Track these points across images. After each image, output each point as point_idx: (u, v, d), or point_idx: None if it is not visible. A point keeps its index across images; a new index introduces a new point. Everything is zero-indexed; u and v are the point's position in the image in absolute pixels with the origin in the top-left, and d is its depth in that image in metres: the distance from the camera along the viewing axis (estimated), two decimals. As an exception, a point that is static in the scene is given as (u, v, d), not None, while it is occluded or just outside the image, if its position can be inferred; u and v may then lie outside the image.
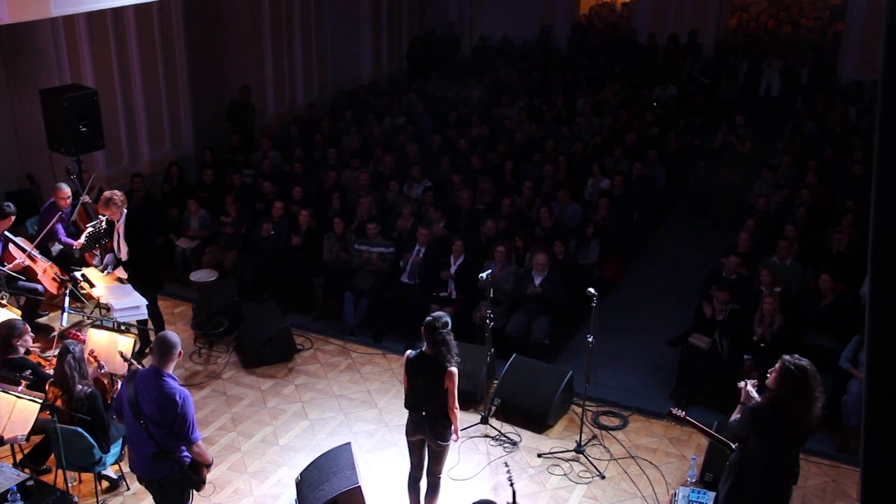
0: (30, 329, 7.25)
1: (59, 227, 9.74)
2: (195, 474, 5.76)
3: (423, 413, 6.17)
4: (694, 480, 7.17)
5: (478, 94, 16.39)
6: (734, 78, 17.20)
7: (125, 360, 6.61)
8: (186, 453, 5.66)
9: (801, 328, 8.59)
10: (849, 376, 7.79)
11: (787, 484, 5.45)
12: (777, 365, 5.23)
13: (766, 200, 10.94)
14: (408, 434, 6.39)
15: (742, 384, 5.67)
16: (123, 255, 8.51)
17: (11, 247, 8.82)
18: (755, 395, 5.53)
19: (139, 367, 6.50)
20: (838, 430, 7.81)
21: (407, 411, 6.33)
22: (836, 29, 20.91)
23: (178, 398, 5.51)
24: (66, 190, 9.66)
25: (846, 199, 10.66)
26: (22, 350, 7.07)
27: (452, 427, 6.21)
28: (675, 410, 6.12)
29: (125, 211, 8.48)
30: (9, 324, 7.06)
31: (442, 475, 6.48)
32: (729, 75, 17.26)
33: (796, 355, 5.23)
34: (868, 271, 2.57)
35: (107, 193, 8.45)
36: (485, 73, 17.52)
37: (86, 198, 9.79)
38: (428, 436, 6.25)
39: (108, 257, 8.74)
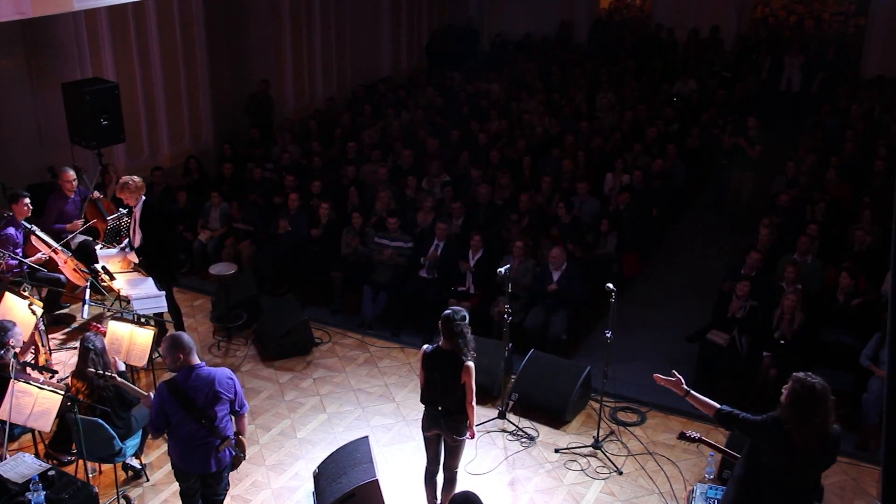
0: (18, 328, 7.10)
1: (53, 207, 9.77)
2: (240, 451, 5.90)
3: (439, 408, 6.17)
4: (712, 477, 7.15)
5: (497, 89, 16.36)
6: (756, 73, 17.07)
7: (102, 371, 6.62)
8: (231, 434, 5.77)
9: (821, 326, 8.53)
10: (869, 374, 7.72)
11: (806, 502, 5.29)
12: (789, 381, 5.13)
13: (787, 197, 10.84)
14: (423, 429, 6.39)
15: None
16: (136, 242, 8.58)
17: (33, 238, 8.88)
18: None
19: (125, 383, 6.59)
20: (858, 428, 7.76)
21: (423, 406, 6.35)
22: (858, 22, 20.72)
23: (230, 374, 5.73)
24: (71, 173, 9.70)
25: (866, 196, 10.57)
26: (12, 351, 7.00)
27: (468, 422, 6.21)
28: (688, 433, 6.15)
29: (143, 198, 8.53)
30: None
31: (458, 470, 6.48)
32: (750, 70, 17.12)
33: (810, 373, 5.09)
34: (890, 268, 2.55)
35: (123, 178, 8.52)
36: (504, 68, 17.48)
37: (95, 194, 9.83)
38: (444, 430, 6.25)
39: (124, 243, 8.81)
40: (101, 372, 6.50)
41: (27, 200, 8.87)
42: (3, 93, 10.70)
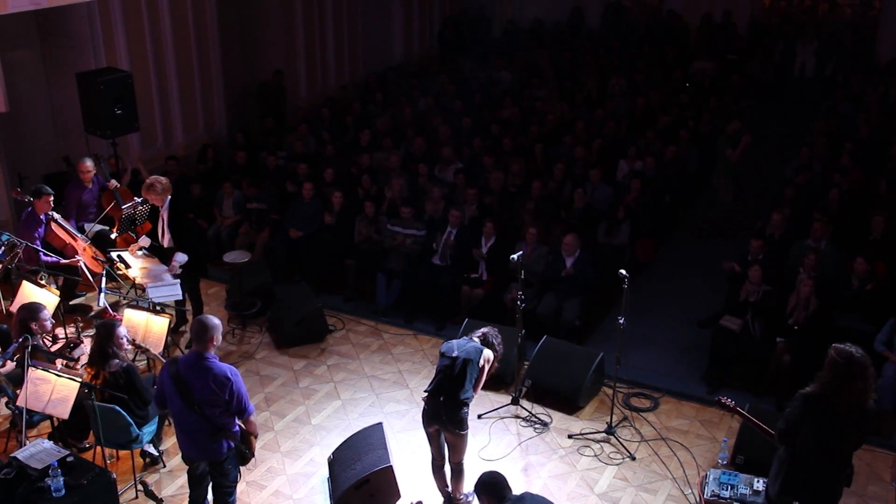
0: (47, 312, 7.29)
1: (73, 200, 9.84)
2: (246, 447, 5.88)
3: (441, 398, 6.20)
4: (725, 462, 7.17)
5: (509, 76, 16.31)
6: (768, 58, 16.93)
7: (137, 347, 6.76)
8: (236, 427, 5.76)
9: (835, 311, 8.50)
10: (884, 359, 7.71)
11: (837, 481, 5.34)
12: (829, 352, 5.17)
13: (795, 185, 10.75)
14: (424, 425, 6.42)
15: None
16: (165, 243, 8.60)
17: (54, 225, 8.94)
18: None
19: (156, 355, 6.63)
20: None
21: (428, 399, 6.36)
22: (872, 5, 20.53)
23: (229, 375, 5.62)
24: (88, 163, 9.74)
25: (881, 182, 10.49)
26: (39, 333, 7.15)
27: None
28: (724, 399, 5.98)
29: (169, 197, 8.53)
30: (29, 307, 7.18)
31: (464, 460, 6.49)
32: (763, 55, 17.00)
33: (848, 343, 5.16)
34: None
35: (150, 179, 8.50)
36: (516, 55, 17.43)
37: (112, 183, 9.88)
38: (443, 424, 6.25)
39: (143, 239, 8.83)
40: (137, 344, 6.69)
41: (51, 198, 8.93)
42: (18, 83, 10.76)
